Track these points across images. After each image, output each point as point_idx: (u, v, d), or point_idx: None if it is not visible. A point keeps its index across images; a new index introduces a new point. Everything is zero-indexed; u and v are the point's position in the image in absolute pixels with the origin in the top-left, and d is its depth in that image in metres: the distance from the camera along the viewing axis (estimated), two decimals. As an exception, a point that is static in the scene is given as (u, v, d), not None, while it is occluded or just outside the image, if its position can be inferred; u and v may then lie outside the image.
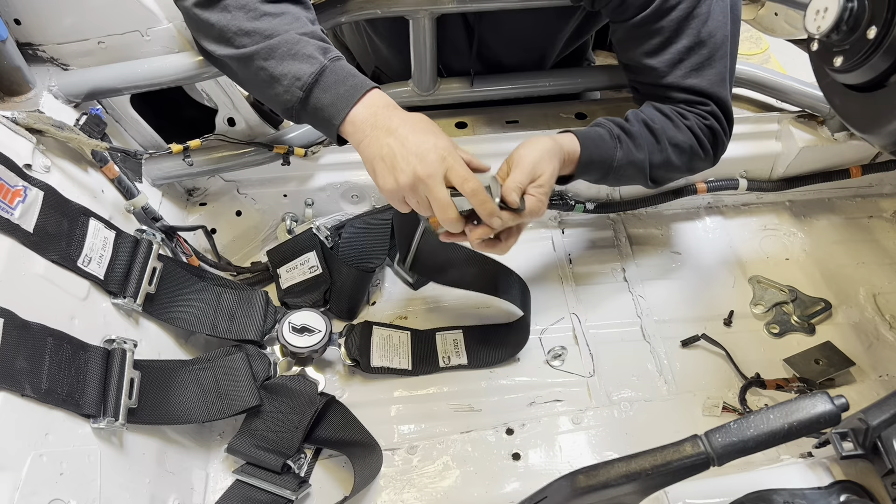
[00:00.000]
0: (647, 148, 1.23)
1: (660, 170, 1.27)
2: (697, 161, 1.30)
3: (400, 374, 1.38)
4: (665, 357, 1.41)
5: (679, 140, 1.25)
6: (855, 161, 1.62)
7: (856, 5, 0.88)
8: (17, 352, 0.88)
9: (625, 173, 1.25)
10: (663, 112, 1.26)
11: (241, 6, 1.06)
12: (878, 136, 0.96)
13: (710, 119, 1.27)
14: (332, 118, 1.03)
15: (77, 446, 0.95)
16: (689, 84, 1.23)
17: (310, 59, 1.03)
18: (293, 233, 1.53)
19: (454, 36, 1.45)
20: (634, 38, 1.24)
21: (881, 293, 1.52)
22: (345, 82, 1.03)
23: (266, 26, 1.05)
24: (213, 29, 1.08)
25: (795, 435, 0.69)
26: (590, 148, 1.20)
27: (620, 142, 1.22)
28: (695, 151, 1.27)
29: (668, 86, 1.25)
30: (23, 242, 0.97)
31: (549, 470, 1.25)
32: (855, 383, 1.37)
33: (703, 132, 1.26)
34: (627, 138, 1.23)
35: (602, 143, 1.21)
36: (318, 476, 1.25)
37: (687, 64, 1.22)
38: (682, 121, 1.25)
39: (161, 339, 1.24)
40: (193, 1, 1.08)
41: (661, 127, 1.24)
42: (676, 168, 1.29)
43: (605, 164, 1.22)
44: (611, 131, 1.23)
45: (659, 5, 1.17)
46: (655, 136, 1.24)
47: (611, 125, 1.24)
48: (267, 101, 1.13)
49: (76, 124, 1.16)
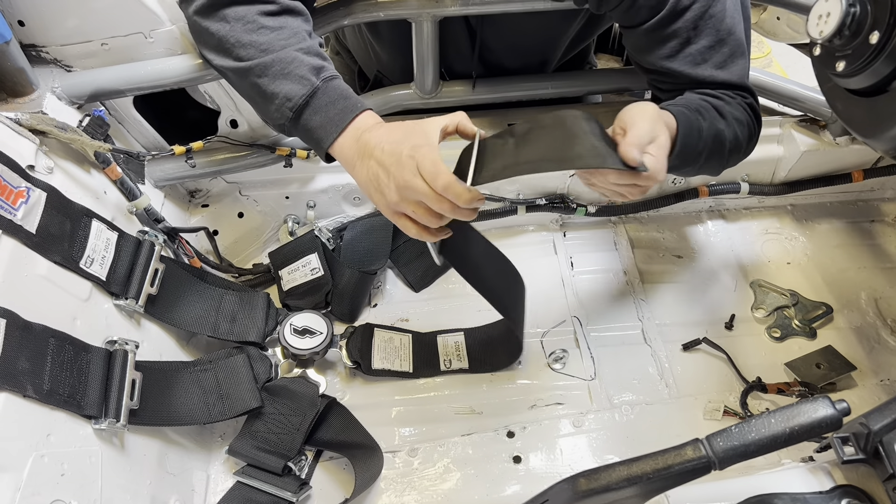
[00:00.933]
0: (719, 123, 1.15)
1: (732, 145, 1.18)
2: (747, 142, 1.21)
3: (401, 376, 1.38)
4: (666, 360, 1.41)
5: (737, 115, 1.18)
6: (857, 165, 1.63)
7: (858, 10, 0.88)
8: (19, 353, 0.88)
9: (711, 147, 1.14)
10: (708, 94, 1.19)
11: (239, 17, 1.06)
12: (879, 140, 0.96)
13: (750, 98, 1.21)
14: (321, 141, 1.03)
15: (78, 447, 0.95)
16: (722, 79, 1.18)
17: (302, 81, 1.03)
18: (295, 235, 1.54)
19: (456, 39, 1.45)
20: (651, 43, 1.20)
21: (883, 297, 1.51)
22: (335, 105, 1.03)
23: (263, 40, 1.04)
24: (212, 38, 1.08)
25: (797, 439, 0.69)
26: (682, 120, 1.09)
27: (700, 114, 1.13)
28: (751, 128, 1.21)
29: (698, 81, 1.19)
30: (25, 243, 0.97)
31: (550, 473, 1.25)
32: (856, 387, 1.37)
33: (749, 111, 1.21)
34: (702, 112, 1.13)
35: (685, 116, 1.10)
36: (319, 478, 1.25)
37: (712, 62, 1.18)
38: (729, 98, 1.19)
39: (163, 340, 1.24)
40: (195, 8, 1.08)
41: (718, 104, 1.17)
42: (739, 147, 1.20)
43: (694, 135, 1.10)
44: (687, 105, 1.13)
45: (672, 7, 1.13)
46: (720, 111, 1.16)
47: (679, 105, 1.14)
48: (260, 115, 1.14)
49: (79, 126, 1.16)
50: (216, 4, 1.06)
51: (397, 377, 1.38)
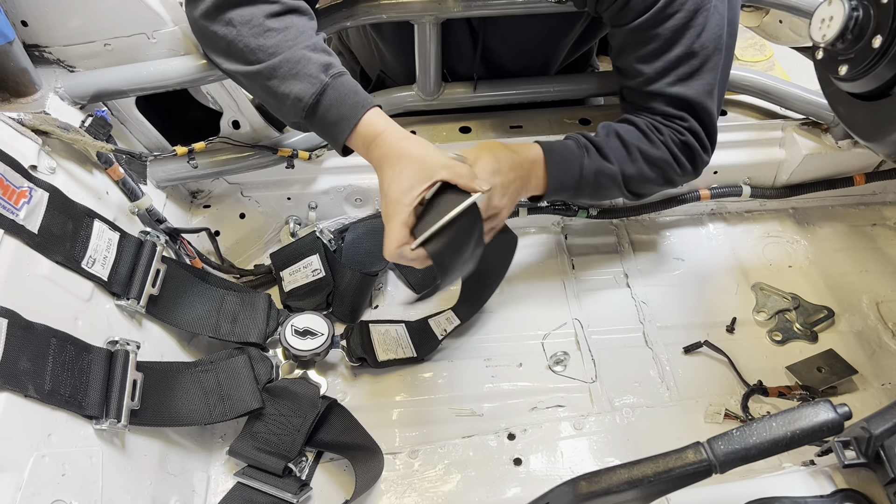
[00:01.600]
0: (617, 158, 1.25)
1: (634, 181, 1.28)
2: (673, 175, 1.31)
3: (407, 362, 1.39)
4: (667, 363, 1.40)
5: (652, 154, 1.26)
6: (859, 169, 1.62)
7: (861, 14, 0.88)
8: (20, 352, 0.89)
9: (598, 182, 1.26)
10: (637, 126, 1.27)
11: (245, 21, 1.06)
12: (882, 144, 0.96)
13: (687, 135, 1.27)
14: (337, 137, 1.07)
15: (79, 447, 0.95)
16: (674, 92, 1.24)
17: (310, 79, 1.05)
18: (296, 236, 1.54)
19: (459, 41, 1.46)
20: (630, 43, 1.25)
21: (884, 301, 1.51)
22: (346, 101, 1.05)
23: (270, 43, 1.06)
24: (220, 42, 1.09)
25: (798, 443, 0.69)
26: (555, 158, 1.22)
27: (587, 150, 1.24)
28: (669, 165, 1.28)
29: (652, 93, 1.26)
30: (27, 243, 0.97)
31: (551, 475, 1.24)
32: (857, 391, 1.37)
33: (678, 147, 1.27)
34: (595, 148, 1.25)
35: (568, 151, 1.23)
36: (320, 479, 1.25)
37: (676, 73, 1.23)
38: (656, 135, 1.26)
39: (164, 340, 1.25)
40: (201, 12, 1.09)
41: (633, 140, 1.25)
42: (652, 181, 1.30)
43: (573, 172, 1.23)
44: (577, 141, 1.25)
45: (658, 11, 1.17)
46: (626, 147, 1.25)
47: (578, 136, 1.27)
48: (275, 114, 1.16)
49: (82, 126, 1.16)
50: (221, 7, 1.07)
51: (404, 365, 1.39)
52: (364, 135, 1.06)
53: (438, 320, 1.44)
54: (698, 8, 1.18)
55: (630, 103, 1.33)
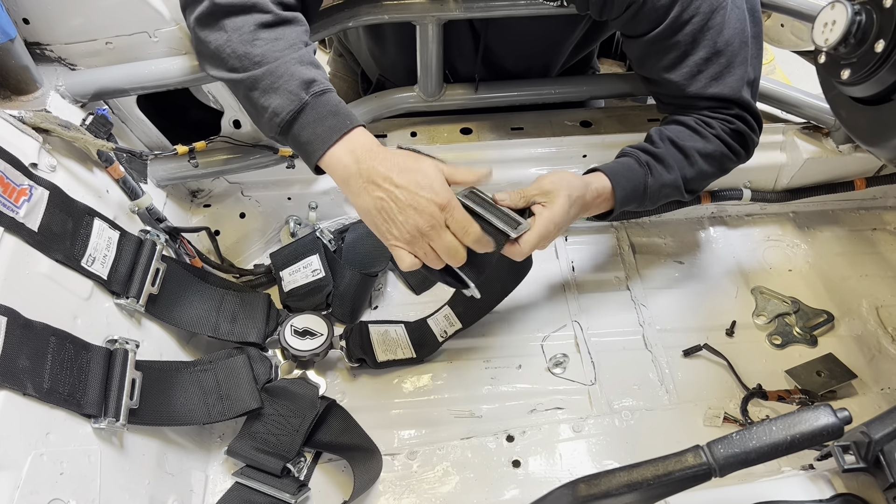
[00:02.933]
0: (678, 166, 1.26)
1: (694, 182, 1.30)
2: (729, 163, 1.32)
3: (406, 363, 1.38)
4: (667, 366, 1.40)
5: (709, 150, 1.26)
6: (859, 173, 1.62)
7: (864, 19, 0.88)
8: (19, 351, 0.88)
9: (661, 195, 1.28)
10: (688, 125, 1.27)
11: (237, 28, 1.05)
12: (883, 149, 0.96)
13: (736, 122, 1.28)
14: (310, 156, 1.04)
15: (77, 446, 0.95)
16: (711, 93, 1.24)
17: (290, 96, 1.02)
18: (296, 236, 1.53)
19: (460, 42, 1.46)
20: (651, 54, 1.25)
21: (884, 306, 1.51)
22: (323, 122, 1.03)
23: (258, 52, 1.04)
24: (207, 48, 1.08)
25: (798, 447, 0.69)
26: (621, 182, 1.22)
27: (650, 167, 1.24)
28: (725, 156, 1.29)
29: (690, 96, 1.26)
30: (27, 241, 0.97)
31: (550, 478, 1.24)
32: (856, 396, 1.37)
33: (731, 136, 1.28)
34: (656, 162, 1.25)
35: (631, 173, 1.24)
36: (318, 480, 1.24)
37: (706, 74, 1.23)
38: (707, 130, 1.26)
39: (163, 340, 1.24)
40: (195, 17, 1.08)
41: (688, 142, 1.26)
42: (710, 175, 1.31)
43: (638, 192, 1.24)
44: (638, 159, 1.25)
45: (673, 20, 1.17)
46: (684, 152, 1.26)
47: (637, 153, 1.26)
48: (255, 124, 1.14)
49: (82, 124, 1.16)
50: (215, 14, 1.06)
51: (403, 365, 1.38)
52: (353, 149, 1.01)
53: (437, 319, 1.43)
54: (714, 8, 1.17)
55: (670, 105, 1.33)
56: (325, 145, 1.01)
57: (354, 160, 1.00)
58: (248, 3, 1.05)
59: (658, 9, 1.17)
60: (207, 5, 1.06)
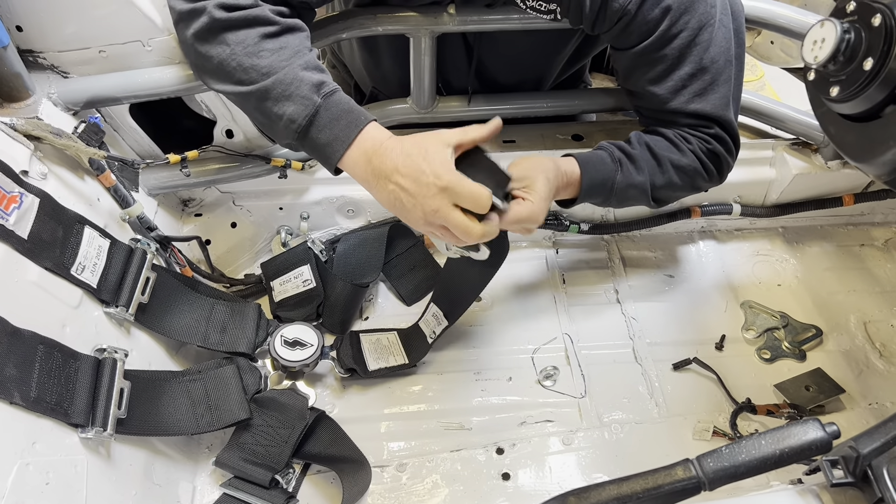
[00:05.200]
0: (648, 170, 1.27)
1: (662, 190, 1.31)
2: (701, 182, 1.34)
3: (398, 370, 1.38)
4: (656, 380, 1.41)
5: (683, 163, 1.28)
6: (848, 189, 1.64)
7: (853, 37, 0.89)
8: (6, 359, 0.88)
9: (627, 195, 1.29)
10: (666, 136, 1.29)
11: (240, 41, 1.05)
12: (872, 165, 0.97)
13: (714, 143, 1.29)
14: (329, 158, 1.06)
15: (64, 456, 0.94)
16: (693, 109, 1.26)
17: (303, 101, 1.03)
18: (288, 246, 1.53)
19: (454, 55, 1.46)
20: (638, 66, 1.26)
21: (872, 321, 1.52)
22: (338, 121, 1.04)
23: (264, 63, 1.05)
24: (210, 62, 1.08)
25: (787, 461, 0.69)
26: (590, 171, 1.24)
27: (621, 164, 1.26)
28: (698, 173, 1.30)
29: (672, 111, 1.27)
30: (17, 249, 0.96)
31: (539, 491, 1.24)
32: (844, 410, 1.37)
33: (706, 155, 1.30)
34: (628, 161, 1.26)
35: (602, 165, 1.25)
36: (306, 492, 1.24)
37: (690, 90, 1.24)
38: (685, 144, 1.28)
39: (152, 349, 1.24)
40: (194, 32, 1.08)
41: (663, 151, 1.27)
42: (680, 188, 1.33)
43: (605, 186, 1.25)
44: (612, 154, 1.27)
45: (662, 34, 1.19)
46: (657, 158, 1.27)
47: (612, 148, 1.27)
48: (267, 134, 1.14)
49: (74, 132, 1.16)
50: (214, 29, 1.06)
51: (395, 373, 1.38)
52: (365, 148, 1.04)
53: (427, 319, 1.43)
54: (702, 25, 1.19)
55: (651, 120, 1.34)
56: (343, 146, 1.04)
57: (367, 159, 1.03)
58: (250, 17, 1.06)
59: (648, 22, 1.18)
60: (207, 21, 1.05)
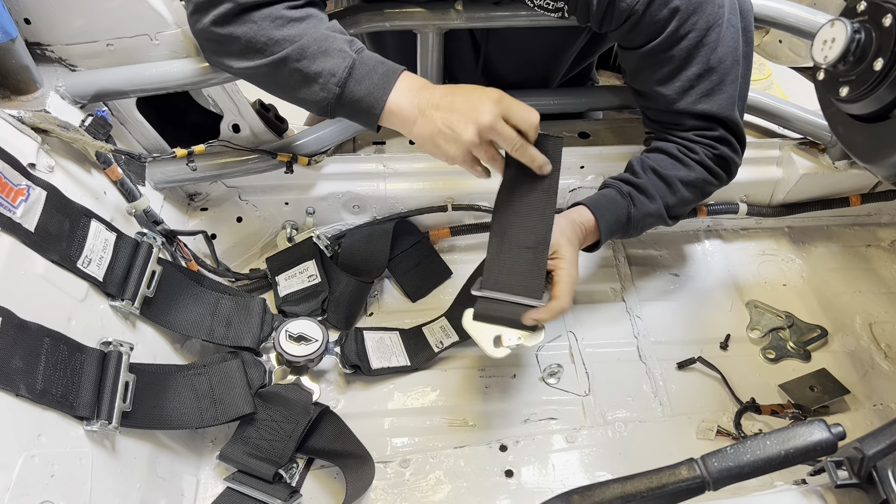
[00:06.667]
0: (660, 195, 1.28)
1: (676, 208, 1.32)
2: (711, 188, 1.34)
3: (401, 371, 1.38)
4: (661, 378, 1.40)
5: (691, 178, 1.29)
6: (854, 190, 1.63)
7: (863, 37, 0.89)
8: (13, 351, 0.88)
9: (645, 224, 1.31)
10: (670, 153, 1.29)
11: (266, 16, 1.08)
12: (880, 166, 0.97)
13: (720, 147, 1.29)
14: (372, 108, 1.08)
15: (69, 448, 0.94)
16: (700, 110, 1.25)
17: (341, 54, 1.07)
18: (293, 241, 1.53)
19: (461, 51, 1.46)
20: (645, 67, 1.25)
21: (877, 322, 1.52)
22: (376, 71, 1.08)
23: (294, 32, 1.08)
24: (237, 42, 1.09)
25: (792, 462, 0.69)
26: (604, 215, 1.26)
27: (632, 198, 1.27)
28: (708, 182, 1.31)
29: (678, 112, 1.27)
30: (24, 241, 0.97)
31: (542, 488, 1.24)
32: (849, 411, 1.37)
33: (713, 161, 1.30)
34: (638, 192, 1.28)
35: (613, 205, 1.27)
36: (310, 486, 1.24)
37: (697, 91, 1.24)
38: (690, 156, 1.28)
39: (157, 343, 1.24)
40: (212, 19, 1.08)
41: (670, 171, 1.28)
42: (692, 201, 1.34)
43: (622, 223, 1.28)
44: (620, 190, 1.28)
45: (669, 35, 1.18)
46: (666, 181, 1.28)
47: (619, 184, 1.29)
48: (300, 102, 1.15)
49: (81, 125, 1.16)
50: (240, 10, 1.07)
51: (397, 373, 1.38)
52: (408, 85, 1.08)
53: (432, 329, 1.43)
54: (710, 25, 1.18)
55: (656, 122, 1.34)
56: (385, 92, 1.08)
57: (413, 93, 1.08)
58: None
59: (656, 22, 1.17)
60: (231, 6, 1.07)
